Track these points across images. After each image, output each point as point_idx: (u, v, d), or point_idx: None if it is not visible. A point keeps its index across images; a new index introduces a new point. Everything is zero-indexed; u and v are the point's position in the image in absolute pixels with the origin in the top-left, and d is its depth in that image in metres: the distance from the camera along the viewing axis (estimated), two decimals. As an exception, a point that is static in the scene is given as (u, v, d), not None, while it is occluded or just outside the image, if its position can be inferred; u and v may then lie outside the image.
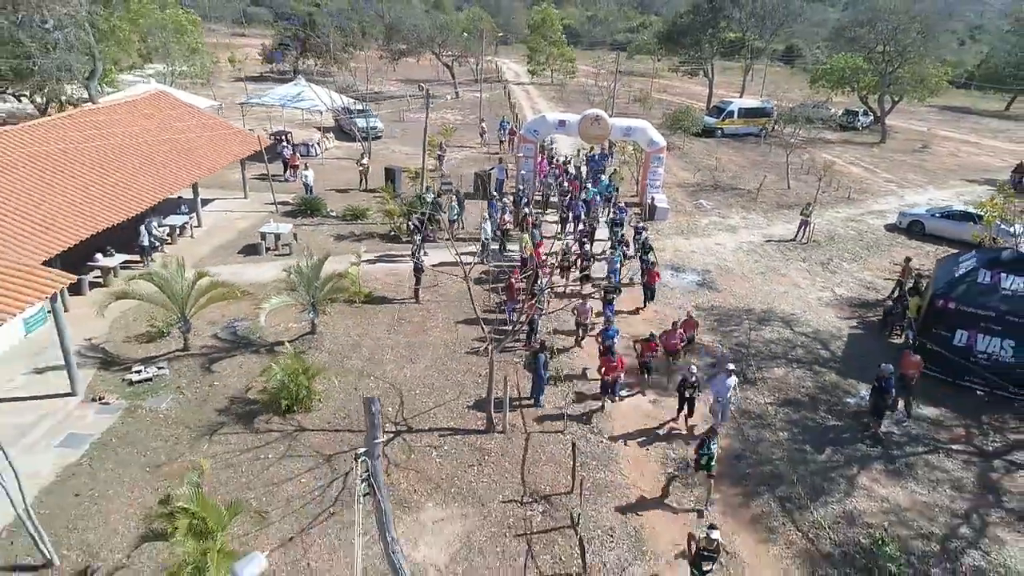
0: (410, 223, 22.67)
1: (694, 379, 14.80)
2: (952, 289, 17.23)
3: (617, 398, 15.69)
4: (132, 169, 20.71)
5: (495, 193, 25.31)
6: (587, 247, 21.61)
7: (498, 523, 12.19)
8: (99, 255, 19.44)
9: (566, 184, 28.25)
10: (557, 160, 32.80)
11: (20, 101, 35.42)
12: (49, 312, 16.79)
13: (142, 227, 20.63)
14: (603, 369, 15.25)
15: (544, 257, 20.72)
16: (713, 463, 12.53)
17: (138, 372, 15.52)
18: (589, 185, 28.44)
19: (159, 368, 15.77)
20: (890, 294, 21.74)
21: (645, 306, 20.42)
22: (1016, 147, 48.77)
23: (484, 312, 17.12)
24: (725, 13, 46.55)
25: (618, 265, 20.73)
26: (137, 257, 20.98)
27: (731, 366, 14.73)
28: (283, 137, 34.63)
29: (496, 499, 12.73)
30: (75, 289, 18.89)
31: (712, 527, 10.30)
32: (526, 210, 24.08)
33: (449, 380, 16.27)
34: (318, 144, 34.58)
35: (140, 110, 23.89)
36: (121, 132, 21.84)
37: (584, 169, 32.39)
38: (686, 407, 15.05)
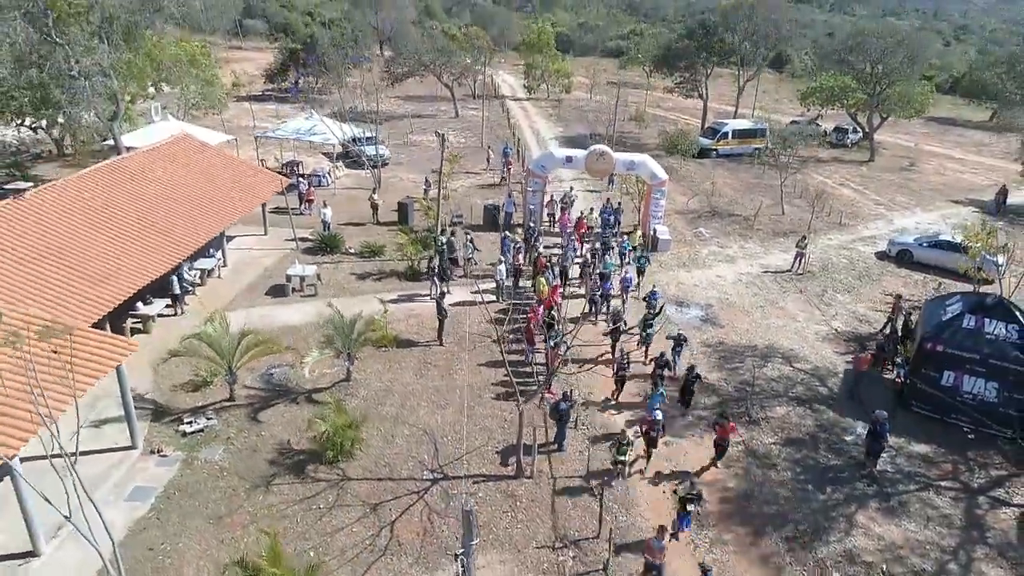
0: (430, 266, 23.85)
1: None
2: (940, 333, 18.65)
3: None
4: (169, 217, 21.83)
5: (507, 232, 26.45)
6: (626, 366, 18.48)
7: (534, 568, 13.47)
8: (140, 304, 20.50)
9: (591, 257, 25.00)
10: (583, 219, 28.69)
11: (36, 133, 36.29)
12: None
13: (182, 273, 21.70)
14: None
15: (559, 302, 21.82)
16: None
17: (189, 423, 16.68)
18: (609, 256, 25.17)
19: (208, 418, 16.94)
20: (882, 328, 23.18)
21: (716, 465, 16.62)
22: (998, 163, 50.47)
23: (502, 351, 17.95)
24: (719, 37, 47.97)
25: (659, 405, 16.74)
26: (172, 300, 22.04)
27: None
28: (295, 167, 35.68)
29: (530, 545, 14.01)
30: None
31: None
32: (539, 248, 25.30)
33: (478, 425, 17.51)
34: (329, 174, 35.64)
35: (168, 155, 24.92)
36: (155, 179, 22.94)
37: (597, 219, 29.72)
38: None
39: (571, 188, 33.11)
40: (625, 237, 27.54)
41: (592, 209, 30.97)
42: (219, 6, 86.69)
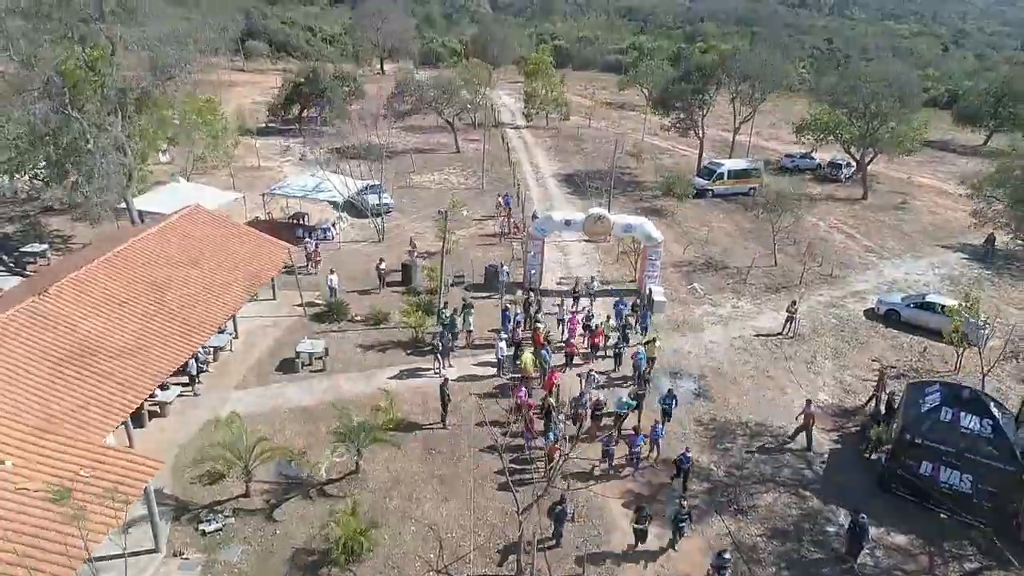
0: (433, 342, 24.87)
1: None
2: (919, 425, 19.68)
3: None
4: (188, 302, 22.70)
5: (508, 304, 27.37)
6: None
7: None
8: (158, 391, 21.50)
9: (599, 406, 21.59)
10: (600, 328, 25.97)
11: (49, 187, 37.17)
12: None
13: (197, 354, 22.73)
14: None
15: (558, 384, 22.71)
16: None
17: (208, 522, 17.71)
18: (626, 395, 22.44)
19: (226, 517, 17.95)
20: (865, 403, 24.23)
21: None
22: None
23: (498, 427, 18.84)
24: (716, 80, 49.00)
25: None
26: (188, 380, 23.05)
27: None
28: (301, 220, 36.67)
29: (530, 653, 15.04)
30: (137, 421, 21.11)
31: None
32: (539, 322, 26.21)
33: (481, 520, 18.52)
34: (334, 226, 36.61)
35: (182, 232, 25.87)
36: (171, 262, 23.96)
37: (613, 323, 26.76)
38: None
39: (591, 278, 31.32)
40: (642, 349, 24.57)
41: (609, 317, 27.61)
42: (221, 20, 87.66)
